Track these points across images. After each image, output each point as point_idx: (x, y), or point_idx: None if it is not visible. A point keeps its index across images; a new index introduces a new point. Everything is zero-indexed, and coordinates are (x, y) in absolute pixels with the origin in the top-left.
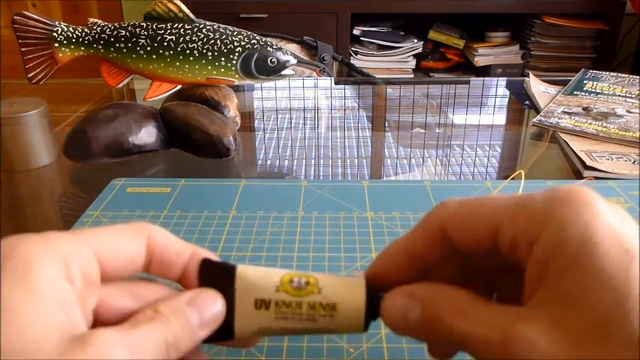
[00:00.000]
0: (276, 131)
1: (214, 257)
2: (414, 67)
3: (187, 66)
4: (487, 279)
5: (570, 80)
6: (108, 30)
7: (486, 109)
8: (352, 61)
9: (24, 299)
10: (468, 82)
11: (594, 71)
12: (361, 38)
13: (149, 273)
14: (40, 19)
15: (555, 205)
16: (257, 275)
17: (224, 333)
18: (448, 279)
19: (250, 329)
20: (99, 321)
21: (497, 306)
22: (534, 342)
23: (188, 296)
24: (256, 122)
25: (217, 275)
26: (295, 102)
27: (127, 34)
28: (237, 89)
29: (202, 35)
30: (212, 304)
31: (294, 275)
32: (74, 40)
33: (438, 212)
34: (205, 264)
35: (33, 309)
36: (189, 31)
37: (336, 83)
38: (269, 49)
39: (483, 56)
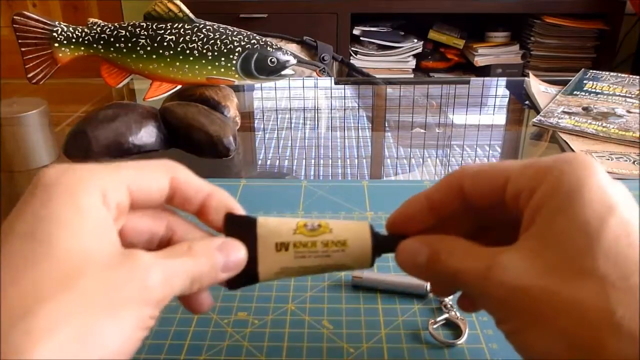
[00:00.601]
0: (276, 131)
1: (231, 200)
2: (414, 67)
3: (187, 66)
4: (493, 236)
5: (570, 80)
6: (108, 30)
7: (486, 109)
8: (352, 61)
9: (75, 216)
10: (468, 82)
11: (594, 71)
12: (361, 38)
13: (171, 205)
14: (40, 19)
15: (558, 163)
16: (275, 223)
17: (249, 276)
18: (459, 233)
19: (273, 271)
20: (123, 243)
21: (487, 247)
22: (510, 268)
23: (218, 242)
24: (256, 122)
25: (240, 226)
26: (295, 102)
27: (127, 34)
28: (237, 89)
29: (202, 35)
30: (237, 252)
31: (306, 220)
32: (74, 40)
33: (458, 170)
34: (230, 216)
35: (84, 225)
36: (189, 31)
37: (336, 83)
38: (269, 49)
39: (483, 56)
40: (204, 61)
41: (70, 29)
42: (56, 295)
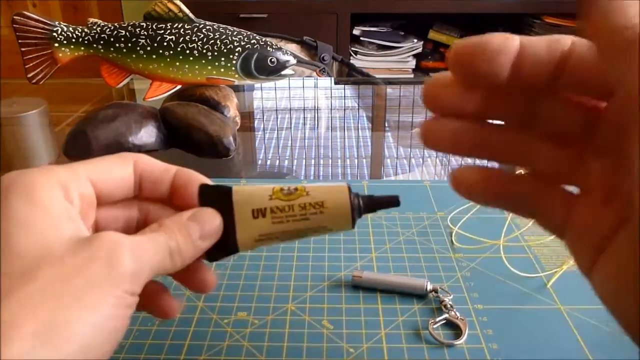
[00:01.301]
0: (276, 131)
1: (200, 176)
2: (414, 67)
3: (187, 66)
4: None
5: None
6: (108, 30)
7: None
8: (352, 61)
9: (33, 212)
10: None
11: None
12: (361, 38)
13: (141, 195)
14: (40, 19)
15: None
16: (251, 190)
17: (229, 246)
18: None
19: (252, 238)
20: None
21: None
22: None
23: (189, 213)
24: (256, 122)
25: (215, 195)
26: (295, 102)
27: (127, 34)
28: (237, 89)
29: (202, 35)
30: (211, 218)
31: (282, 185)
32: (74, 40)
33: (570, 36)
34: (204, 187)
35: (42, 219)
36: (189, 31)
37: (336, 83)
38: (269, 49)
39: None
40: (204, 61)
41: (70, 29)
42: (17, 289)
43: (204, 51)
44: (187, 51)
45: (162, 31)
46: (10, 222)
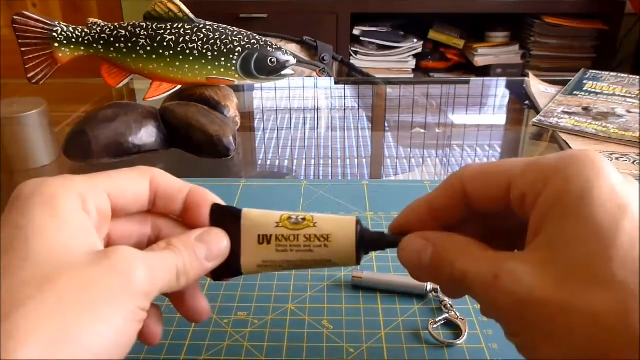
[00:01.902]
0: (276, 131)
1: (213, 196)
2: (414, 67)
3: (187, 66)
4: (501, 244)
5: (570, 80)
6: (108, 30)
7: (486, 109)
8: (352, 61)
9: (53, 222)
10: (468, 82)
11: (594, 71)
12: (361, 38)
13: (156, 208)
14: (40, 19)
15: (563, 162)
16: (259, 215)
17: (233, 268)
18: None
19: (255, 263)
20: None
21: (496, 251)
22: (518, 277)
23: (197, 233)
24: (256, 122)
25: (225, 217)
26: (295, 102)
27: (127, 34)
28: (237, 89)
29: (202, 35)
30: (219, 240)
31: (291, 213)
32: (74, 40)
33: (459, 171)
34: (215, 207)
35: (61, 229)
36: (189, 31)
37: (336, 83)
38: (269, 49)
39: (483, 56)
40: (204, 61)
41: (70, 29)
42: (34, 297)
43: (204, 51)
44: (187, 51)
45: (162, 31)
46: (31, 231)
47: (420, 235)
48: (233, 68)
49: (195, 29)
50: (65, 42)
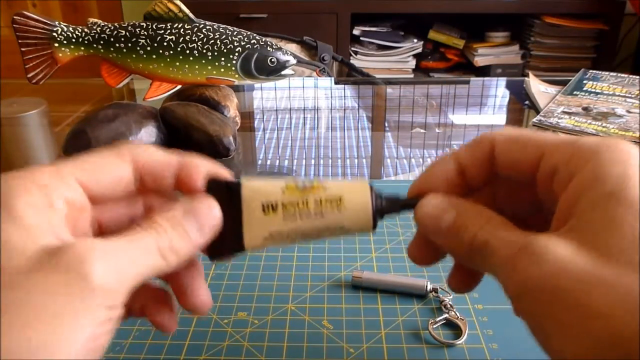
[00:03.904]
0: (276, 131)
1: (208, 165)
2: (414, 67)
3: (187, 66)
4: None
5: (570, 80)
6: (108, 30)
7: (486, 109)
8: (352, 61)
9: (5, 223)
10: (468, 82)
11: (594, 71)
12: (361, 38)
13: (144, 189)
14: (40, 19)
15: (603, 146)
16: (262, 183)
17: (233, 245)
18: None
19: (261, 235)
20: (102, 235)
21: (524, 230)
22: (552, 249)
23: (184, 205)
24: (256, 122)
25: (223, 189)
26: (295, 102)
27: (127, 34)
28: (237, 89)
29: (202, 35)
30: (209, 210)
31: (298, 179)
32: (74, 40)
33: (490, 133)
34: (211, 181)
35: (12, 231)
36: (189, 31)
37: (336, 83)
38: (269, 49)
39: (483, 56)
40: (204, 61)
41: (70, 29)
42: None
43: (204, 51)
44: (187, 51)
45: (162, 31)
46: None
47: (442, 197)
48: (233, 68)
49: (195, 29)
50: (65, 42)
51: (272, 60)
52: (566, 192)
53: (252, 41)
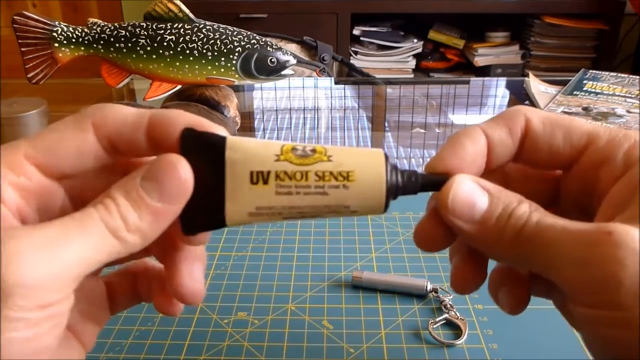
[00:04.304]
0: (276, 131)
1: (185, 118)
2: (414, 67)
3: (187, 66)
4: None
5: (570, 80)
6: (108, 30)
7: (486, 109)
8: (352, 61)
9: None
10: (468, 82)
11: (594, 71)
12: (361, 38)
13: (120, 158)
14: (40, 19)
15: None
16: (252, 145)
17: (212, 218)
18: None
19: (247, 209)
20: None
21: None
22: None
23: (143, 170)
24: (256, 122)
25: (202, 146)
26: (295, 102)
27: (127, 34)
28: (237, 89)
29: (202, 35)
30: (172, 170)
31: (297, 144)
32: (74, 40)
33: (521, 108)
34: (187, 132)
35: None
36: (189, 31)
37: (336, 83)
38: (269, 49)
39: (483, 56)
40: (204, 61)
41: (70, 29)
42: None
43: (204, 51)
44: (187, 51)
45: (162, 31)
46: None
47: (474, 180)
48: (233, 68)
49: (195, 29)
50: (65, 42)
51: (272, 60)
52: (624, 181)
53: (252, 41)
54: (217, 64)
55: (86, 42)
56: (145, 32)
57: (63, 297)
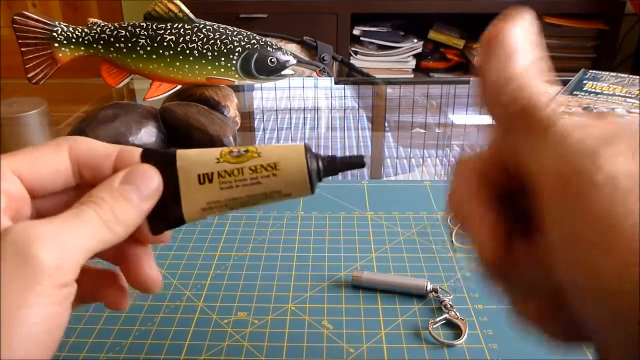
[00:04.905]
0: (276, 131)
1: (138, 151)
2: (414, 67)
3: (187, 66)
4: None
5: (570, 80)
6: (108, 30)
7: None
8: (352, 61)
9: None
10: (468, 82)
11: (594, 71)
12: (361, 38)
13: (82, 183)
14: (40, 19)
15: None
16: (197, 153)
17: (173, 217)
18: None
19: (199, 206)
20: None
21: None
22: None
23: (121, 175)
24: (256, 122)
25: (158, 161)
26: (295, 102)
27: (127, 34)
28: (237, 89)
29: (202, 35)
30: (146, 175)
31: (233, 148)
32: (74, 40)
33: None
34: (146, 153)
35: None
36: (189, 31)
37: (336, 83)
38: (269, 49)
39: None
40: (204, 61)
41: (70, 29)
42: None
43: (204, 51)
44: (187, 51)
45: (162, 31)
46: None
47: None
48: (233, 68)
49: (195, 29)
50: (65, 42)
51: (272, 60)
52: None
53: (252, 41)
54: (217, 64)
55: (86, 42)
56: (145, 32)
57: (74, 278)
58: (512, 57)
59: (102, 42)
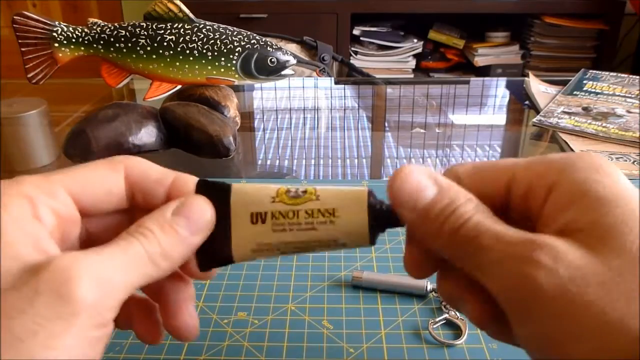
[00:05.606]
0: (276, 131)
1: (192, 179)
2: (414, 67)
3: (187, 66)
4: None
5: (570, 80)
6: (108, 30)
7: (486, 109)
8: (352, 61)
9: None
10: (468, 82)
11: (594, 71)
12: (361, 38)
13: (135, 205)
14: (40, 19)
15: (573, 157)
16: (252, 189)
17: (222, 255)
18: None
19: (249, 247)
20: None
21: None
22: (563, 252)
23: (173, 206)
24: (256, 122)
25: (212, 193)
26: (295, 102)
27: (127, 34)
28: (237, 89)
29: (202, 35)
30: (200, 209)
31: (291, 186)
32: (74, 40)
33: (453, 166)
34: (201, 183)
35: None
36: (189, 31)
37: (336, 83)
38: (269, 49)
39: (483, 56)
40: (204, 61)
41: (70, 29)
42: None
43: (204, 51)
44: (187, 51)
45: (162, 31)
46: None
47: (427, 172)
48: (233, 68)
49: (195, 29)
50: (65, 42)
51: (272, 60)
52: (549, 204)
53: (252, 41)
54: (217, 64)
55: (86, 42)
56: (145, 32)
57: (113, 317)
58: (424, 192)
59: (102, 42)
